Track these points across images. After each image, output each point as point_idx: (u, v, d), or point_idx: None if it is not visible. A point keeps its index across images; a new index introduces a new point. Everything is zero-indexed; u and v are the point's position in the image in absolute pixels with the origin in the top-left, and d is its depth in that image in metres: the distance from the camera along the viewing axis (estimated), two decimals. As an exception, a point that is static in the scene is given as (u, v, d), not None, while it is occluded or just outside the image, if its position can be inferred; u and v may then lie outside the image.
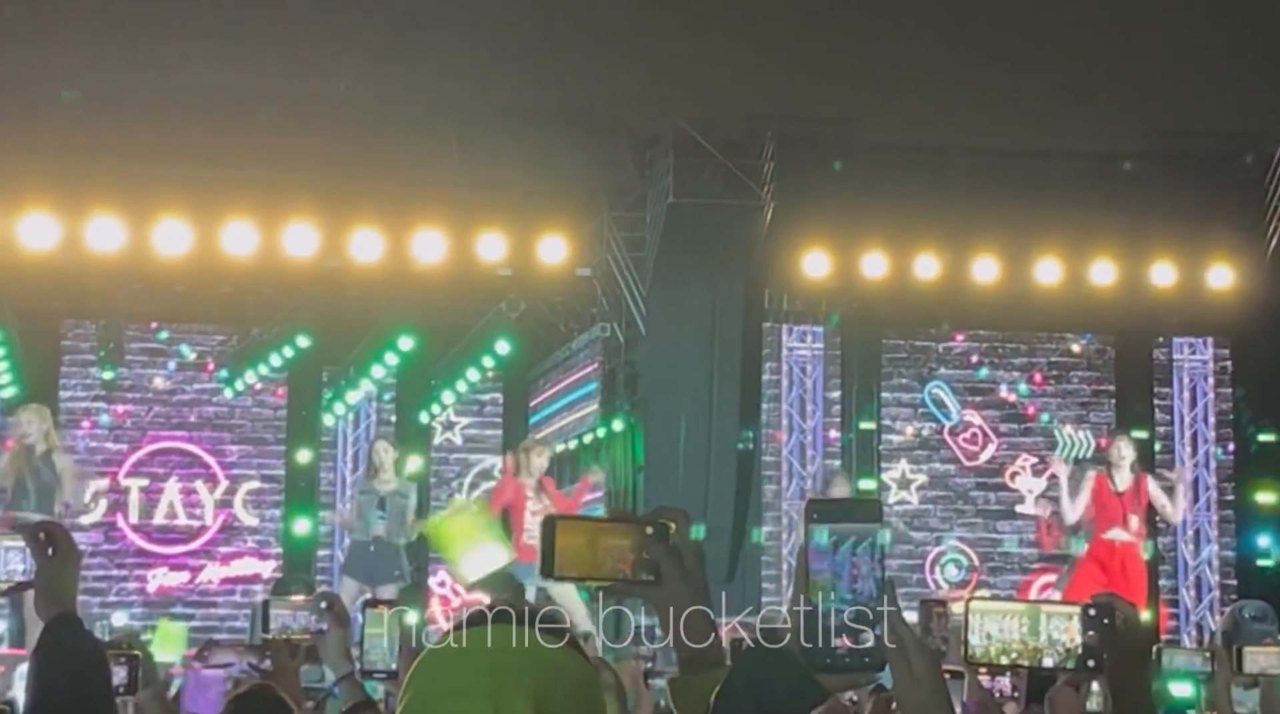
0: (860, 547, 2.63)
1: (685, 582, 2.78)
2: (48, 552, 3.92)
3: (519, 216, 16.81)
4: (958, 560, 19.20)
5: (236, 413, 19.75)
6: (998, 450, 19.44)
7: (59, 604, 3.86)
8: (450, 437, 20.09)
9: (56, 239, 16.11)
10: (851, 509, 2.68)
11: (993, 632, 3.89)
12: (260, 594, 18.77)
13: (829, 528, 2.63)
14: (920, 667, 2.66)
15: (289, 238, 16.42)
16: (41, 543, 3.93)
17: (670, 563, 2.78)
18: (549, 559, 2.77)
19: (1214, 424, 19.34)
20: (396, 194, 16.66)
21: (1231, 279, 17.52)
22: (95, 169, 16.09)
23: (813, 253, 17.09)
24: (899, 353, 19.34)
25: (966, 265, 17.24)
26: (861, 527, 2.64)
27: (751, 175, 17.14)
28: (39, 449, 14.94)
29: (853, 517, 2.65)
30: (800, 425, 18.72)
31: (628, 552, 2.80)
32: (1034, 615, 3.86)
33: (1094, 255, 17.35)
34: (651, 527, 2.81)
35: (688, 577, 2.78)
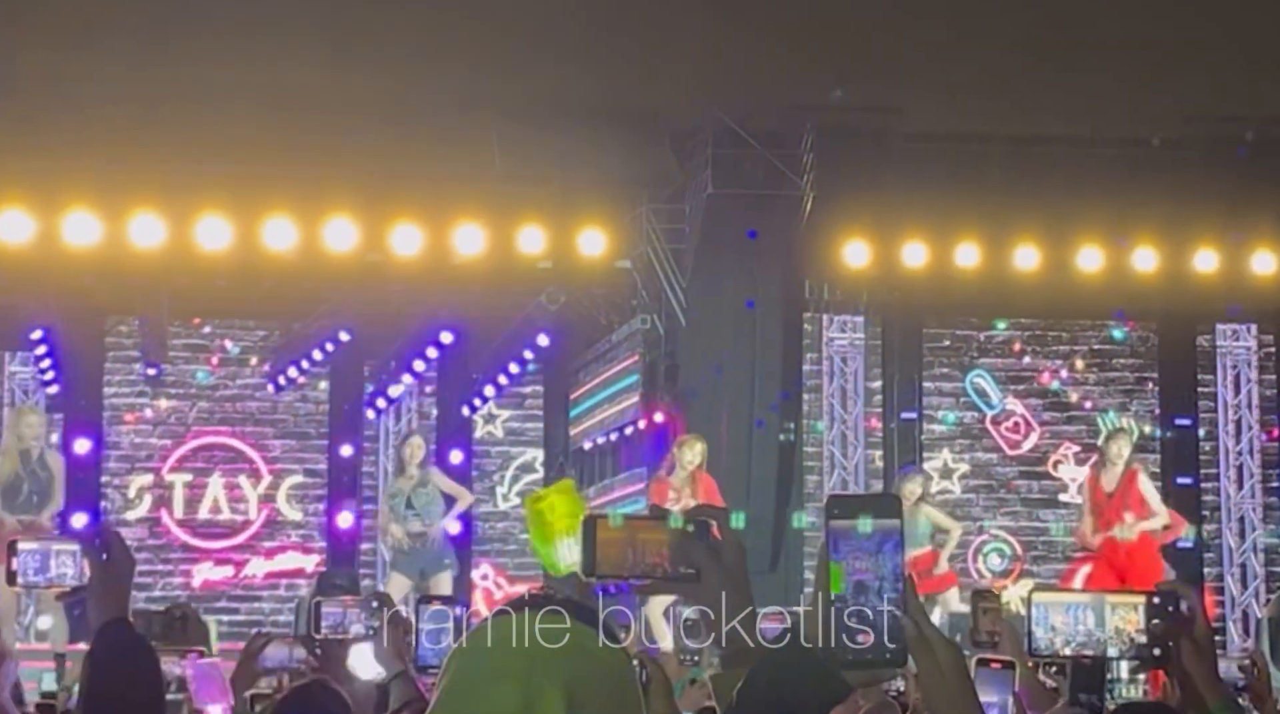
0: (881, 542, 2.64)
1: (725, 578, 2.79)
2: (103, 557, 3.94)
3: (558, 209, 16.83)
4: (1000, 550, 19.16)
5: (279, 408, 19.82)
6: (1040, 439, 19.39)
7: (112, 610, 3.88)
8: (491, 430, 20.13)
9: (99, 236, 16.21)
10: (871, 504, 2.69)
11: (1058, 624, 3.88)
12: (304, 588, 18.86)
13: (849, 523, 2.64)
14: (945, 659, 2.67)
15: (330, 232, 16.48)
16: (97, 549, 3.95)
17: (710, 560, 2.79)
18: (590, 558, 2.79)
19: (1258, 410, 19.25)
20: (436, 188, 16.71)
21: (1275, 265, 17.42)
22: (137, 166, 16.18)
23: (853, 243, 17.06)
24: (940, 342, 19.30)
25: (1007, 254, 17.19)
26: (881, 522, 2.65)
27: (791, 166, 17.12)
28: (35, 450, 15.04)
29: (872, 512, 2.67)
30: (841, 416, 18.70)
31: (668, 550, 2.81)
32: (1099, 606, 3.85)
33: (1136, 242, 17.29)
34: (692, 524, 2.82)
35: (728, 573, 2.79)
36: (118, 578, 3.92)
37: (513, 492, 20.00)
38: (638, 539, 2.81)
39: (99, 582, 3.92)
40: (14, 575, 4.33)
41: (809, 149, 17.07)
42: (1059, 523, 19.23)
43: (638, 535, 2.82)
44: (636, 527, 2.84)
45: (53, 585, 4.33)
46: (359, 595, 6.72)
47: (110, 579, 3.91)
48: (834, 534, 2.64)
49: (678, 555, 2.80)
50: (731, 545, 2.82)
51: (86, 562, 4.06)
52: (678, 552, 2.80)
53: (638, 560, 2.81)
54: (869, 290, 18.06)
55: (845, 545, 2.65)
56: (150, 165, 16.18)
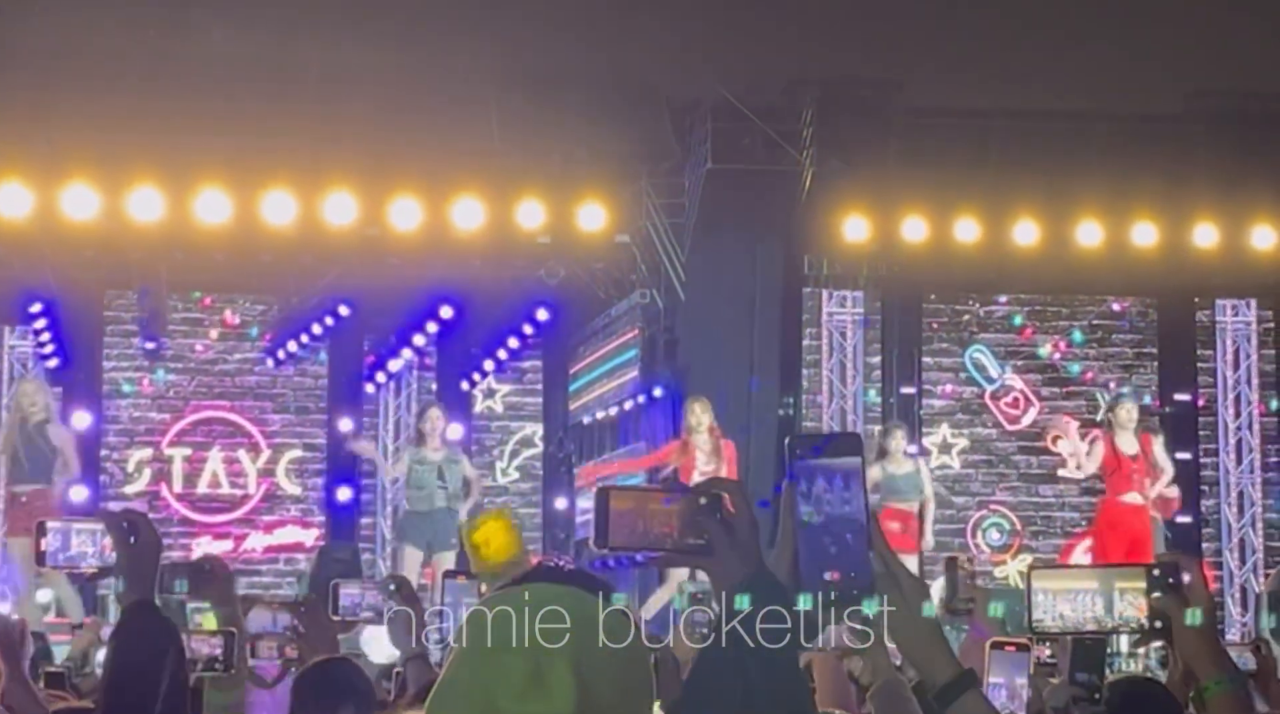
0: (845, 479, 2.66)
1: (737, 553, 2.79)
2: (129, 540, 3.94)
3: (558, 184, 16.81)
4: (999, 525, 19.17)
5: (278, 382, 19.82)
6: (1039, 414, 19.39)
7: (138, 591, 3.89)
8: (491, 404, 20.13)
9: (98, 209, 16.18)
10: (833, 443, 2.73)
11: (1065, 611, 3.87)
12: (304, 563, 18.88)
13: (812, 463, 2.66)
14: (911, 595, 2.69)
15: (329, 206, 16.46)
16: (124, 530, 3.95)
17: (722, 534, 2.79)
18: (603, 529, 2.79)
19: (1257, 386, 19.26)
20: (435, 162, 16.68)
21: (1275, 240, 17.43)
22: (136, 140, 16.15)
23: (852, 217, 17.06)
24: (940, 317, 19.29)
25: (1007, 229, 17.19)
26: (844, 460, 2.66)
27: (790, 140, 17.10)
28: (34, 420, 15.04)
29: (835, 451, 2.70)
30: (840, 390, 18.70)
31: (680, 522, 2.81)
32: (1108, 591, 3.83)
33: (1135, 217, 17.28)
34: (705, 498, 2.82)
35: (740, 548, 2.79)
36: (145, 559, 3.92)
37: (512, 466, 20.02)
38: (650, 512, 2.81)
39: (126, 563, 3.92)
40: (43, 555, 4.34)
41: (809, 123, 17.05)
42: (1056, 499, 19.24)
43: (651, 508, 2.82)
44: (650, 499, 2.84)
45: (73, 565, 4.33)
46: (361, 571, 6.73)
47: (137, 560, 3.92)
48: (797, 473, 2.66)
49: (689, 528, 2.80)
50: (744, 519, 2.82)
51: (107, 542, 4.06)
52: (690, 524, 2.80)
53: (649, 532, 2.81)
54: (868, 265, 18.05)
55: (809, 483, 2.67)
56: (150, 139, 16.15)
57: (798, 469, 2.69)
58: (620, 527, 2.79)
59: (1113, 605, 3.80)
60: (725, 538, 2.80)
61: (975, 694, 2.84)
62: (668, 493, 2.88)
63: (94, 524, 4.27)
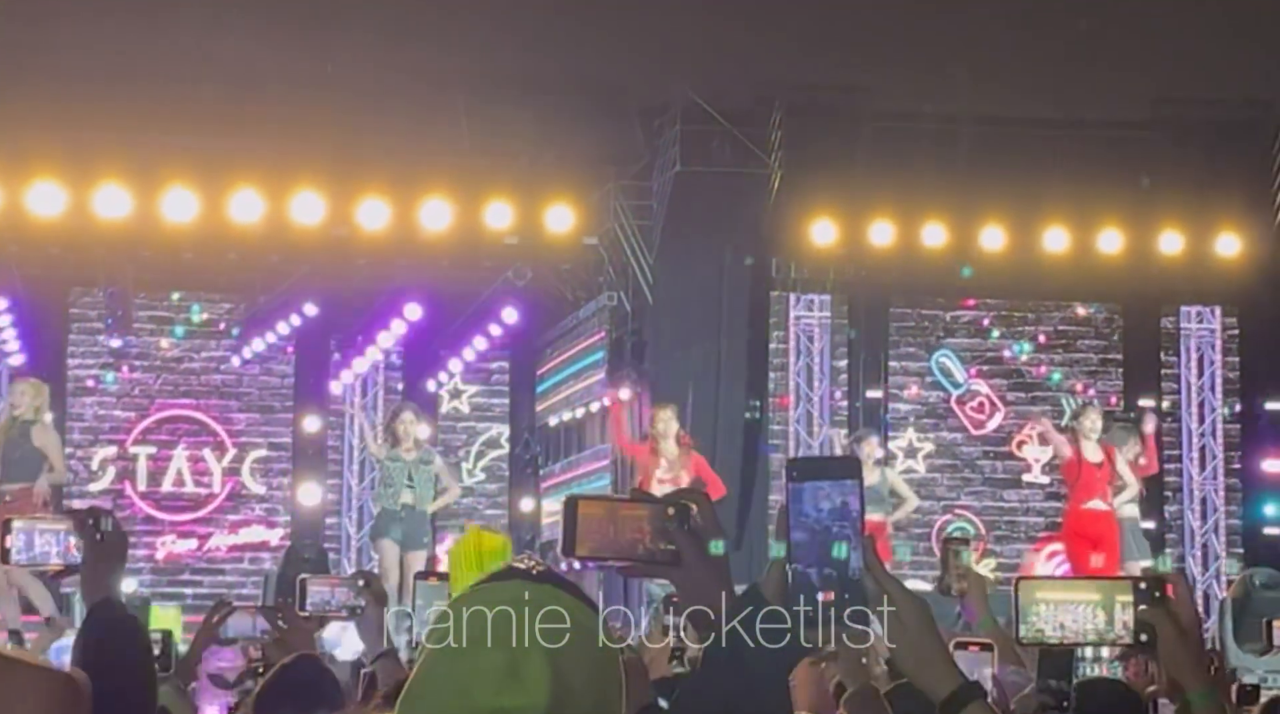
0: (841, 502, 2.67)
1: (705, 562, 2.80)
2: (96, 537, 3.93)
3: (526, 185, 16.80)
4: (964, 529, 19.22)
5: (244, 381, 19.77)
6: (1005, 419, 19.45)
7: (103, 589, 3.88)
8: (457, 405, 20.11)
9: (64, 207, 16.12)
10: (831, 466, 2.76)
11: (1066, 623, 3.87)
12: (268, 562, 18.84)
13: (809, 485, 2.68)
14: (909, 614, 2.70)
15: (296, 206, 16.43)
16: (90, 528, 3.94)
17: (690, 544, 2.80)
18: (570, 538, 2.79)
19: (1221, 392, 19.35)
20: (404, 162, 16.66)
21: (1239, 247, 17.51)
22: (102, 137, 16.10)
23: (820, 222, 17.09)
24: (906, 322, 19.34)
25: (974, 234, 17.24)
26: (841, 483, 2.68)
27: (759, 144, 17.12)
28: (21, 419, 14.96)
29: (832, 473, 2.72)
30: (807, 394, 18.73)
31: (648, 532, 2.81)
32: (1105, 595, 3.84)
33: (1101, 224, 17.35)
34: (673, 507, 2.82)
35: (707, 557, 2.80)
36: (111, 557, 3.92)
37: (478, 467, 20.00)
38: (619, 521, 2.82)
39: (92, 560, 3.91)
40: (7, 553, 4.34)
41: (777, 127, 17.08)
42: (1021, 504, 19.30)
43: (619, 518, 2.82)
44: (618, 508, 2.85)
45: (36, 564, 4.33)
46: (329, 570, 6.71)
47: (103, 558, 3.91)
48: (795, 494, 2.68)
49: (658, 538, 2.81)
50: (712, 528, 2.83)
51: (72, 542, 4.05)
52: (658, 534, 2.81)
53: (617, 541, 2.81)
54: (836, 269, 18.08)
55: (806, 506, 2.69)
56: (116, 136, 16.10)
57: (795, 490, 2.70)
58: (588, 535, 2.80)
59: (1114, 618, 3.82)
60: (693, 549, 2.81)
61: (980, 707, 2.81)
62: (636, 503, 2.88)
63: (59, 524, 4.27)
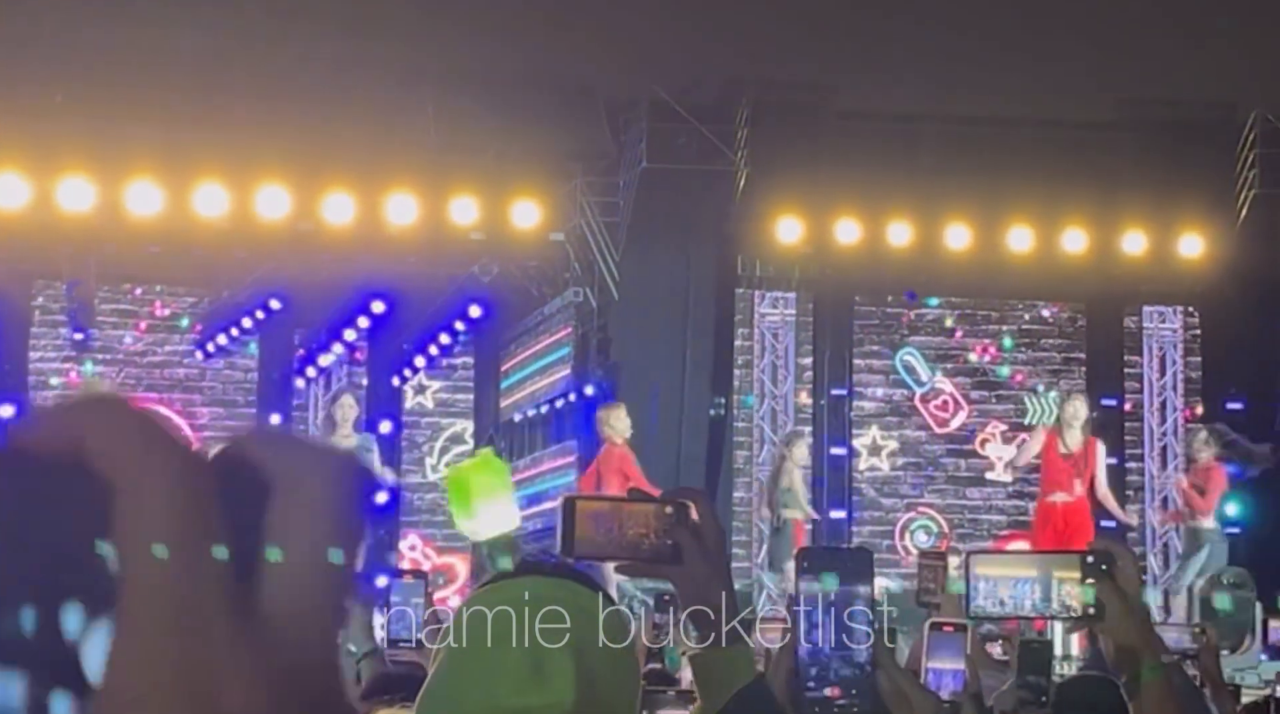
0: (850, 597, 2.66)
1: (705, 561, 2.80)
2: None
3: (492, 180, 16.78)
4: (927, 526, 19.28)
5: (207, 375, 19.71)
6: (968, 417, 19.51)
7: None
8: (422, 400, 20.08)
9: (27, 199, 16.04)
10: (843, 560, 2.74)
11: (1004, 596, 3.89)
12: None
13: (820, 578, 2.67)
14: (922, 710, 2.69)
15: (261, 200, 16.38)
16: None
17: (690, 542, 2.79)
18: (569, 538, 2.78)
19: (1183, 392, 19.44)
20: (369, 157, 16.62)
21: (1202, 248, 17.59)
22: (66, 129, 16.01)
23: (786, 219, 17.12)
24: (871, 319, 19.38)
25: (938, 233, 17.29)
26: (852, 577, 2.68)
27: (725, 141, 17.14)
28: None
29: (844, 568, 2.69)
30: (772, 391, 18.76)
31: (647, 531, 2.80)
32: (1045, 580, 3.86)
33: (1065, 223, 17.42)
34: (671, 506, 2.82)
35: (708, 556, 2.80)
36: None
37: (442, 463, 19.97)
38: (618, 521, 2.81)
39: None
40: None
41: (743, 125, 17.10)
42: (984, 502, 19.36)
43: (618, 517, 2.81)
44: (616, 508, 2.84)
45: None
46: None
47: None
48: (804, 587, 2.67)
49: (657, 536, 2.80)
50: (711, 527, 2.83)
51: None
52: (658, 532, 2.80)
53: (616, 541, 2.80)
54: (801, 266, 18.12)
55: (815, 599, 2.68)
56: (81, 129, 16.02)
57: (805, 582, 2.69)
58: (586, 535, 2.79)
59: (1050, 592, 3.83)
60: (695, 546, 2.80)
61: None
62: (635, 501, 2.88)
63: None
